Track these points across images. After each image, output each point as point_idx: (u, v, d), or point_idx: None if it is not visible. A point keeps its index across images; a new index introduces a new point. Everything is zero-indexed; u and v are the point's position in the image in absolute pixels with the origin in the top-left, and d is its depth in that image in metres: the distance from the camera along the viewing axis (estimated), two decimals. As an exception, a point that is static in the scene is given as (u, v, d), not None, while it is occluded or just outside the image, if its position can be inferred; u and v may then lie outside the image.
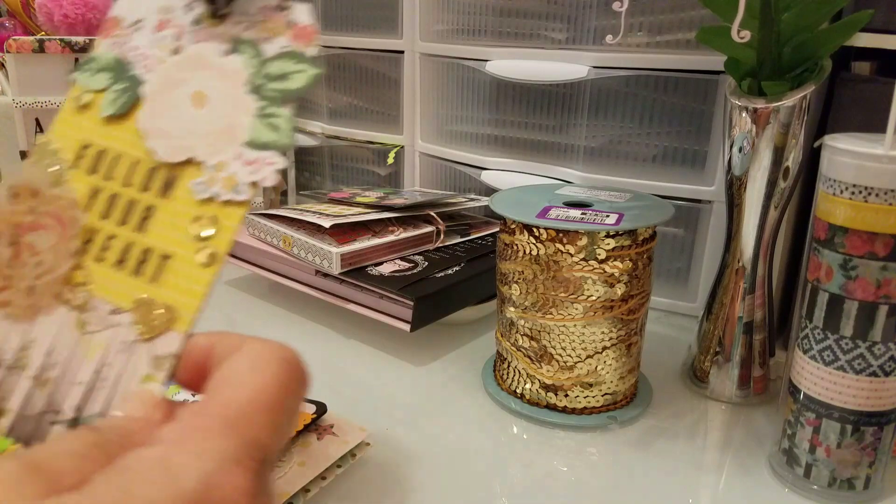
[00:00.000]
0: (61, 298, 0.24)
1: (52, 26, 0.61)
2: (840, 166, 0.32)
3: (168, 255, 0.24)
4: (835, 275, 0.33)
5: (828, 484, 0.35)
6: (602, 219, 0.39)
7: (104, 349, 0.23)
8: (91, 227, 0.25)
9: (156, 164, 0.25)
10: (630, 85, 0.54)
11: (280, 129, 0.24)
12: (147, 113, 0.25)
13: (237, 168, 0.24)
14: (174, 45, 0.26)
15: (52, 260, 0.24)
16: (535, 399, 0.42)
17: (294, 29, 0.25)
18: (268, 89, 0.25)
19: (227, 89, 0.25)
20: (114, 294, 0.24)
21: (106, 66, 0.26)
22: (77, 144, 0.26)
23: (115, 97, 0.26)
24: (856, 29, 0.38)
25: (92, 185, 0.25)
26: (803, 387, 0.35)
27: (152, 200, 0.24)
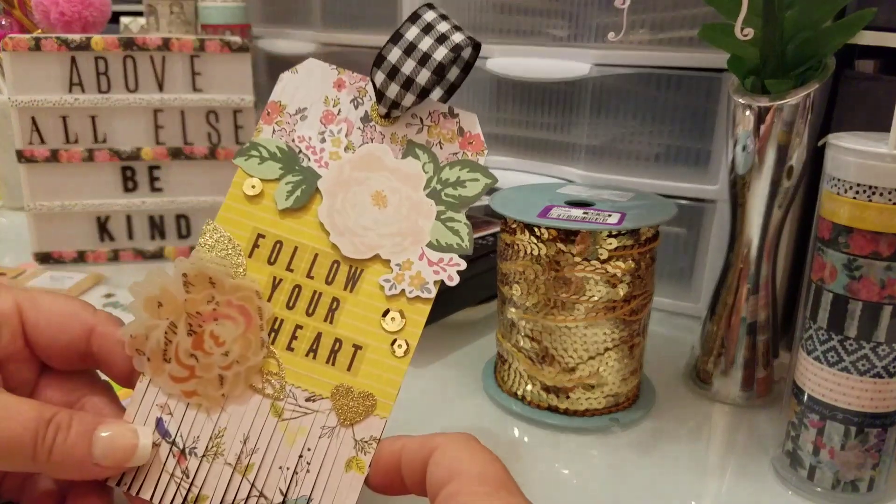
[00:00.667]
0: (254, 387, 0.24)
1: (48, 24, 0.61)
2: (844, 165, 0.32)
3: (360, 345, 0.25)
4: (839, 275, 0.32)
5: (831, 486, 0.34)
6: (604, 218, 0.38)
7: (305, 434, 0.24)
8: (276, 317, 0.25)
9: (338, 258, 0.26)
10: (632, 83, 0.54)
11: (460, 233, 0.26)
12: (328, 209, 0.26)
13: (422, 267, 0.26)
14: (346, 141, 0.26)
15: (239, 350, 0.24)
16: (536, 401, 0.41)
17: (465, 136, 0.26)
18: (445, 195, 0.26)
19: (406, 192, 0.26)
20: (309, 382, 0.25)
21: (273, 155, 0.26)
22: (250, 233, 0.26)
23: (290, 189, 0.26)
24: (859, 27, 0.38)
25: (272, 275, 0.25)
26: (807, 388, 0.34)
27: (338, 293, 0.25)
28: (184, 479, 0.24)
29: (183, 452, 0.24)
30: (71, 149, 0.60)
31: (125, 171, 0.61)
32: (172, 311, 0.24)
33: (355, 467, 0.24)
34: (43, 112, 0.58)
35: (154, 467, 0.24)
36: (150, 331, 0.24)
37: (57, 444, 0.21)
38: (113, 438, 0.22)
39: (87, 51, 0.58)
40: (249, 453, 0.24)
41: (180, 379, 0.24)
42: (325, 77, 0.27)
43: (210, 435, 0.24)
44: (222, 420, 0.24)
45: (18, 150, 0.59)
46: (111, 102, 0.59)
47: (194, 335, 0.24)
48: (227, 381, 0.24)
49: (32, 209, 0.60)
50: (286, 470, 0.24)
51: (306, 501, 0.24)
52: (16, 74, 0.57)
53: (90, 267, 0.62)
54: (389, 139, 0.26)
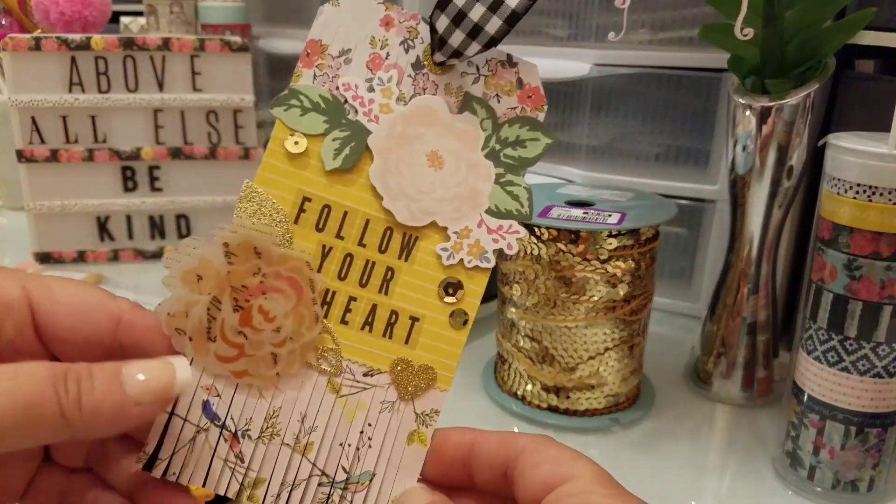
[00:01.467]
0: (311, 365, 0.23)
1: (48, 24, 0.61)
2: (844, 165, 0.32)
3: (417, 317, 0.24)
4: (839, 275, 0.32)
5: (831, 486, 0.34)
6: (604, 218, 0.38)
7: (365, 410, 0.23)
8: (328, 289, 0.23)
9: (391, 224, 0.24)
10: (632, 83, 0.54)
11: (520, 198, 0.24)
12: (380, 170, 0.24)
13: (481, 235, 0.24)
14: (397, 92, 0.24)
15: (292, 326, 0.23)
16: (536, 401, 0.41)
17: (524, 89, 0.24)
18: (504, 155, 0.24)
19: (463, 152, 0.24)
20: (366, 356, 0.23)
21: (316, 105, 0.24)
22: (295, 196, 0.23)
23: (338, 147, 0.23)
24: (859, 27, 0.38)
25: (321, 243, 0.23)
26: (807, 388, 0.34)
27: (392, 262, 0.24)
28: (238, 464, 0.22)
29: (235, 436, 0.22)
30: (71, 149, 0.60)
31: (125, 170, 0.61)
32: (215, 284, 0.22)
33: (417, 440, 0.23)
34: (43, 112, 0.58)
35: (205, 453, 0.22)
36: (191, 307, 0.22)
37: (84, 393, 0.19)
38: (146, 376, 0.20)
39: (87, 50, 0.58)
40: (308, 432, 0.23)
41: (228, 359, 0.22)
42: (372, 13, 0.24)
43: (264, 416, 0.23)
44: (276, 399, 0.23)
45: (18, 150, 0.59)
46: (111, 102, 0.59)
47: (241, 311, 0.22)
48: (282, 358, 0.23)
49: (32, 209, 0.60)
50: (347, 447, 0.23)
51: (370, 477, 0.23)
52: (16, 74, 0.57)
53: (90, 267, 0.62)
54: (444, 90, 0.24)
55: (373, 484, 0.23)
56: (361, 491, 0.23)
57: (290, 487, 0.23)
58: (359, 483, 0.23)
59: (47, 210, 0.60)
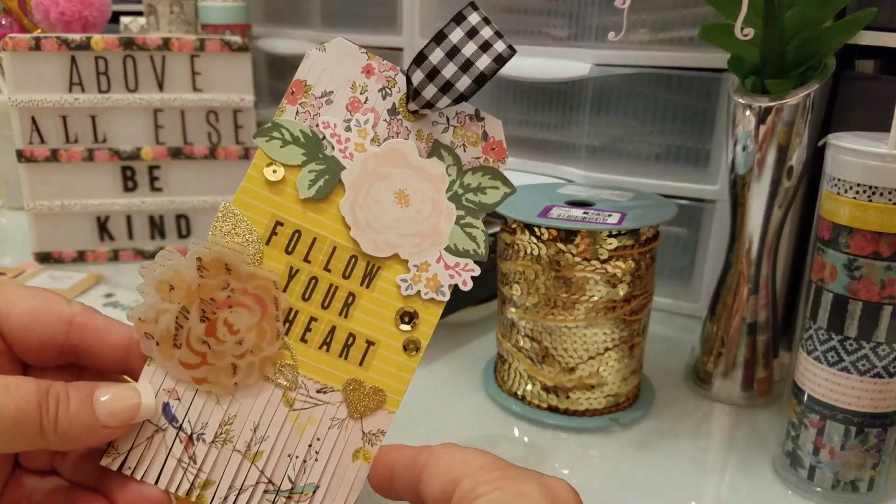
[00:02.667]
0: (268, 378, 0.24)
1: (48, 24, 0.61)
2: (844, 165, 0.32)
3: (373, 341, 0.25)
4: (839, 275, 0.32)
5: (831, 486, 0.34)
6: (604, 218, 0.38)
7: (316, 425, 0.24)
8: (291, 308, 0.25)
9: (356, 253, 0.25)
10: (633, 83, 0.54)
11: (477, 240, 0.26)
12: (350, 202, 0.25)
13: (439, 270, 0.26)
14: (372, 133, 0.26)
15: (254, 340, 0.24)
16: (536, 401, 0.41)
17: (489, 141, 0.26)
18: (466, 200, 0.26)
19: (429, 193, 0.26)
20: (321, 374, 0.25)
21: (296, 139, 0.25)
22: (269, 219, 0.25)
23: (314, 178, 0.25)
24: (859, 27, 0.38)
25: (289, 265, 0.25)
26: (807, 388, 0.34)
27: (355, 288, 0.25)
28: (191, 465, 0.24)
29: (191, 438, 0.24)
30: (71, 148, 0.60)
31: (125, 170, 0.61)
32: (185, 295, 0.24)
33: (362, 458, 0.24)
34: (43, 112, 0.58)
35: (160, 452, 0.24)
36: (161, 314, 0.24)
37: (60, 413, 0.21)
38: (113, 400, 0.22)
39: (87, 50, 0.58)
40: (259, 441, 0.24)
41: (191, 365, 0.24)
42: (355, 60, 0.26)
43: (219, 422, 0.24)
44: (232, 408, 0.24)
45: (18, 150, 0.59)
46: (111, 102, 0.59)
47: (207, 322, 0.24)
48: (241, 370, 0.24)
49: (32, 209, 0.60)
50: (295, 458, 0.24)
51: (313, 489, 0.24)
52: (16, 74, 0.57)
53: (90, 267, 0.62)
54: (415, 136, 0.26)
55: (315, 496, 0.24)
56: (304, 501, 0.24)
57: (238, 492, 0.24)
58: (303, 493, 0.24)
59: (47, 210, 0.60)
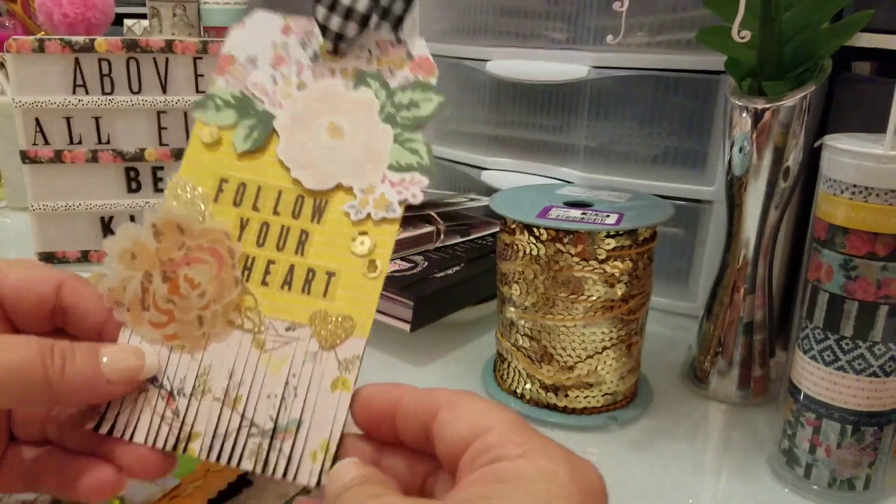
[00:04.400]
0: (234, 324, 0.25)
1: (51, 26, 0.61)
2: (840, 166, 0.32)
3: (333, 272, 0.26)
4: (835, 275, 0.33)
5: (828, 484, 0.35)
6: (602, 219, 0.39)
7: (289, 362, 0.25)
8: (248, 255, 0.26)
9: (301, 192, 0.26)
10: (630, 85, 0.54)
11: (419, 152, 0.26)
12: (285, 146, 0.26)
13: (385, 189, 0.26)
14: (297, 80, 0.27)
15: (215, 290, 0.25)
16: (535, 399, 0.42)
17: (414, 61, 0.27)
18: (401, 118, 0.26)
19: (361, 120, 0.26)
20: (286, 312, 0.25)
21: (228, 102, 0.27)
22: (213, 179, 0.26)
23: (247, 132, 0.27)
24: (856, 29, 0.38)
25: (239, 216, 0.26)
26: (803, 387, 0.35)
27: (306, 225, 0.26)
28: (175, 420, 0.24)
29: (171, 394, 0.25)
30: (75, 150, 0.60)
31: (129, 171, 0.62)
32: (146, 261, 0.25)
33: (342, 386, 0.25)
34: (47, 113, 0.59)
35: (144, 411, 0.24)
36: (127, 282, 0.25)
37: (67, 367, 0.22)
38: (118, 359, 0.23)
39: (90, 52, 0.58)
40: (236, 386, 0.25)
41: (160, 324, 0.25)
42: (273, 25, 0.28)
43: (196, 374, 0.25)
44: (206, 359, 0.25)
45: (22, 151, 0.59)
46: (115, 104, 0.60)
47: (169, 281, 0.25)
48: (206, 320, 0.25)
49: (36, 209, 0.60)
50: (274, 398, 0.24)
51: (297, 424, 0.24)
52: (20, 76, 0.58)
53: (94, 267, 0.62)
54: (340, 73, 0.27)
55: (300, 431, 0.24)
56: (290, 438, 0.24)
57: (223, 438, 0.24)
58: (286, 431, 0.24)
59: (51, 210, 0.61)
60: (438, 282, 0.49)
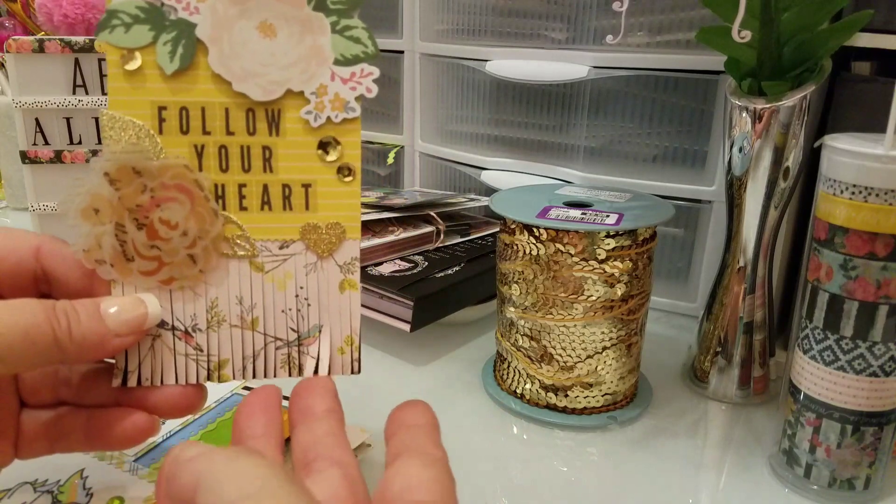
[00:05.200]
0: (227, 254, 0.25)
1: (51, 26, 0.61)
2: (840, 166, 0.32)
3: (308, 183, 0.25)
4: (835, 275, 0.33)
5: (828, 484, 0.35)
6: (602, 219, 0.39)
7: (293, 277, 0.25)
8: (216, 183, 0.25)
9: (250, 105, 0.24)
10: (630, 85, 0.54)
11: (361, 39, 0.24)
12: (218, 57, 0.24)
13: (338, 88, 0.24)
14: None
15: (196, 226, 0.24)
16: (535, 399, 0.42)
17: None
18: (331, 2, 0.24)
19: (290, 13, 0.24)
20: (275, 232, 0.25)
21: (136, 17, 0.24)
22: (150, 109, 0.24)
23: (171, 50, 0.24)
24: (856, 29, 0.38)
25: (192, 144, 0.24)
26: (803, 387, 0.35)
27: (265, 140, 0.25)
28: (199, 354, 0.24)
29: (187, 332, 0.25)
30: (75, 150, 0.60)
31: (128, 171, 0.62)
32: (112, 213, 0.24)
33: (348, 286, 0.25)
34: (47, 113, 0.59)
35: (166, 355, 0.24)
36: (100, 238, 0.24)
37: (73, 324, 0.22)
38: (120, 310, 0.23)
39: (90, 53, 0.58)
40: (250, 309, 0.25)
41: (151, 272, 0.24)
42: None
43: (206, 308, 0.25)
44: (211, 293, 0.25)
45: (22, 151, 0.59)
46: (114, 104, 0.59)
47: (145, 227, 0.24)
48: (199, 257, 0.24)
49: (36, 210, 0.60)
50: (290, 311, 0.25)
51: (318, 329, 0.25)
52: (20, 76, 0.58)
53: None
54: None
55: (322, 333, 0.25)
56: (314, 342, 0.25)
57: (252, 359, 0.25)
58: (310, 336, 0.25)
59: (51, 211, 0.61)
60: (438, 282, 0.49)
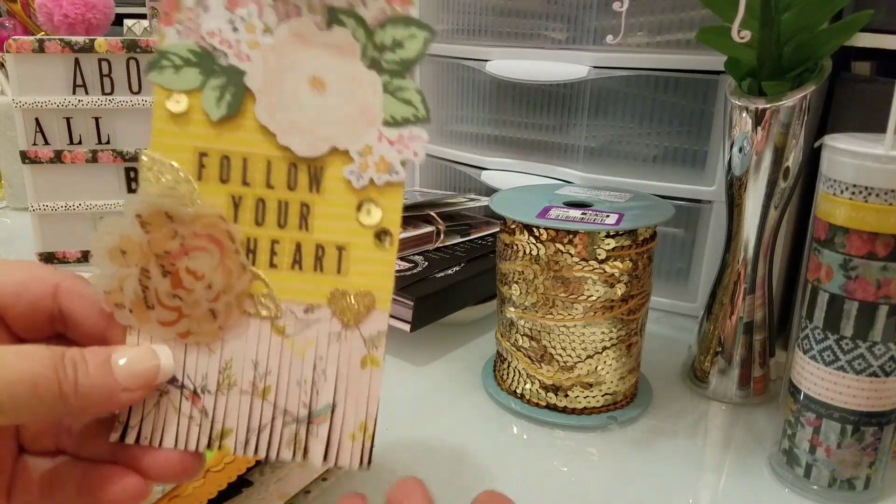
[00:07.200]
0: (249, 313, 0.23)
1: (52, 26, 0.61)
2: (840, 166, 0.32)
3: (342, 245, 0.24)
4: (835, 275, 0.33)
5: (828, 484, 0.35)
6: (602, 219, 0.39)
7: (314, 345, 0.23)
8: (248, 237, 0.24)
9: (293, 160, 0.24)
10: (630, 85, 0.54)
11: (412, 102, 0.24)
12: (265, 107, 0.23)
13: (384, 150, 0.24)
14: (261, 25, 0.23)
15: (222, 280, 0.23)
16: (535, 399, 0.42)
17: None
18: (385, 61, 0.23)
19: (343, 68, 0.23)
20: (302, 294, 0.24)
21: (187, 60, 0.23)
22: (192, 154, 0.24)
23: (218, 96, 0.23)
24: (856, 29, 0.38)
25: (230, 194, 0.24)
26: (803, 387, 0.35)
27: (305, 197, 0.24)
28: (204, 418, 0.23)
29: (195, 392, 0.23)
30: (74, 150, 0.60)
31: (129, 172, 0.62)
32: (139, 256, 0.23)
33: (371, 363, 0.24)
34: (47, 113, 0.59)
35: (170, 414, 0.23)
36: (123, 281, 0.23)
37: (80, 377, 0.21)
38: (131, 363, 0.22)
39: (90, 53, 0.58)
40: (263, 376, 0.23)
41: (170, 322, 0.23)
42: None
43: (218, 369, 0.23)
44: (226, 352, 0.23)
45: (22, 151, 0.59)
46: (114, 104, 0.60)
47: (170, 275, 0.23)
48: (220, 312, 0.23)
49: (36, 210, 0.61)
50: (304, 383, 0.23)
51: (331, 408, 0.23)
52: (20, 76, 0.58)
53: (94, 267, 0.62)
54: (307, 9, 0.23)
55: (335, 414, 0.23)
56: (325, 422, 0.23)
57: (257, 431, 0.23)
58: (321, 416, 0.23)
59: (51, 211, 0.61)
60: (438, 282, 0.49)
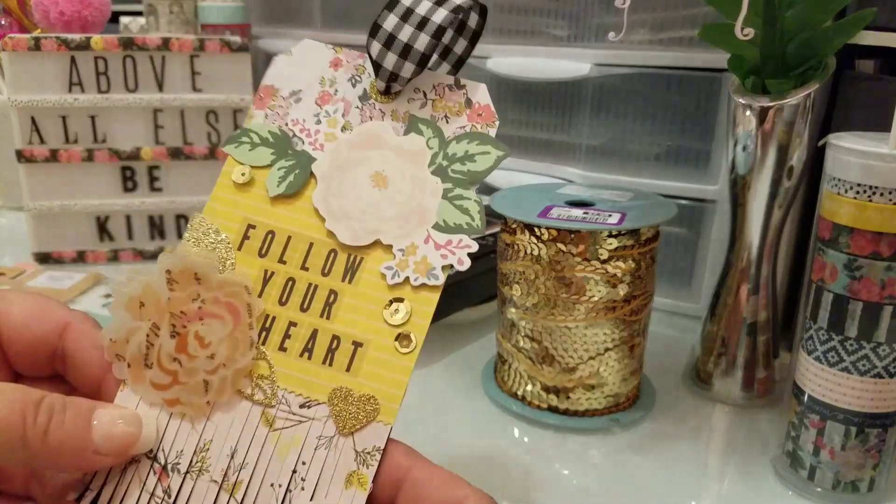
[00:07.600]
0: (243, 393, 0.22)
1: (48, 24, 0.61)
2: (844, 165, 0.32)
3: (360, 342, 0.22)
4: (839, 275, 0.32)
5: (832, 486, 0.34)
6: (604, 218, 0.38)
7: (300, 446, 0.22)
8: (268, 314, 0.23)
9: (335, 246, 0.23)
10: (633, 83, 0.54)
11: (470, 212, 0.23)
12: (323, 193, 0.24)
13: (428, 251, 0.23)
14: (342, 122, 0.24)
15: (226, 352, 0.22)
16: (536, 401, 0.41)
17: (473, 108, 0.24)
18: (452, 171, 0.24)
19: (409, 170, 0.24)
20: (303, 385, 0.22)
21: (265, 140, 0.24)
22: (240, 224, 0.24)
23: (283, 175, 0.24)
24: (860, 27, 0.37)
25: (263, 268, 0.23)
26: (807, 388, 0.34)
27: (336, 285, 0.23)
28: (165, 499, 0.21)
29: (165, 469, 0.22)
30: (70, 149, 0.60)
31: (125, 171, 0.61)
32: (155, 311, 0.22)
33: (356, 483, 0.21)
34: (42, 112, 0.58)
35: (133, 485, 0.21)
36: (131, 334, 0.22)
37: (52, 427, 0.20)
38: (114, 424, 0.21)
39: (86, 50, 0.58)
40: (237, 469, 0.21)
41: (162, 386, 0.22)
42: (322, 57, 0.25)
43: (194, 449, 0.22)
44: (208, 431, 0.22)
45: (18, 150, 0.59)
46: (111, 102, 0.59)
47: (178, 337, 0.22)
48: (213, 385, 0.22)
49: (32, 209, 0.60)
50: (278, 488, 0.21)
51: None
52: (15, 74, 0.57)
53: (90, 267, 0.62)
54: (391, 116, 0.24)
55: None
56: None
57: None
58: None
59: (47, 210, 0.60)
60: (438, 282, 0.48)
